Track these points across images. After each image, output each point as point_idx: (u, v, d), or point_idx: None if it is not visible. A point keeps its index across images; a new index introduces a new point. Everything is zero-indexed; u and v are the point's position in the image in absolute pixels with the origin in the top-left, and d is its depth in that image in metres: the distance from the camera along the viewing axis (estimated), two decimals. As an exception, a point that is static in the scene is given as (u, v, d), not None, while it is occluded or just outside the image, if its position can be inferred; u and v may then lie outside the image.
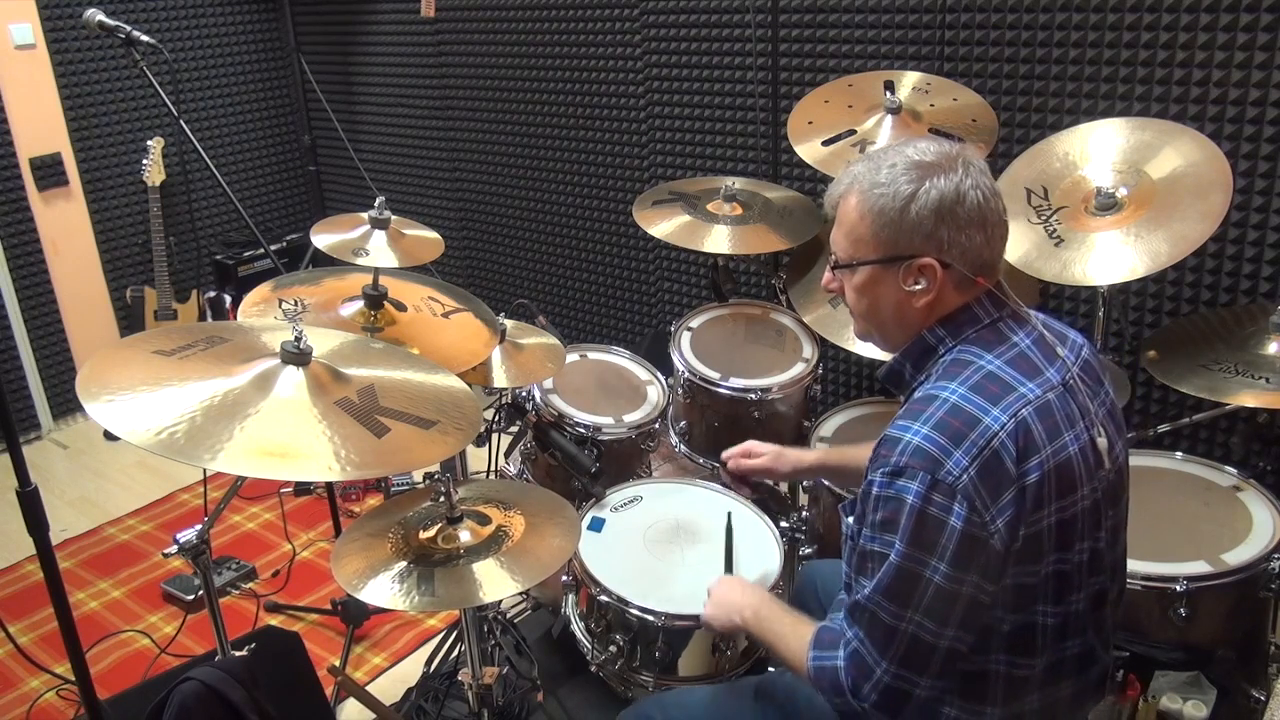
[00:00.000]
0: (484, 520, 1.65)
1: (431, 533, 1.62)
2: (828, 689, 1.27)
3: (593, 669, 1.96)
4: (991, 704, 1.28)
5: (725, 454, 1.90)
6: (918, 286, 1.27)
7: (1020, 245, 2.01)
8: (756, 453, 1.86)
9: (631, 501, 2.15)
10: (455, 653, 2.35)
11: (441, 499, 1.63)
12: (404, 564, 1.55)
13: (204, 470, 2.24)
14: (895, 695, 1.21)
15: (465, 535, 1.61)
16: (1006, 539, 1.17)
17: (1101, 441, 1.26)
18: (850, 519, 1.30)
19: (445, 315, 2.00)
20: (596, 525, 2.07)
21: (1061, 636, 1.28)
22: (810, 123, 2.43)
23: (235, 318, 4.01)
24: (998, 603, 1.21)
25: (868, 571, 1.23)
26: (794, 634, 1.37)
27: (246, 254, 4.26)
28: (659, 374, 2.57)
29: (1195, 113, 2.35)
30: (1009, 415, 1.18)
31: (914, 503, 1.17)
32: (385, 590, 1.50)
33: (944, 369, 1.26)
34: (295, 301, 1.86)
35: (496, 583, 1.52)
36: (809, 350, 2.47)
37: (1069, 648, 1.30)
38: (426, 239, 2.19)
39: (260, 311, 1.81)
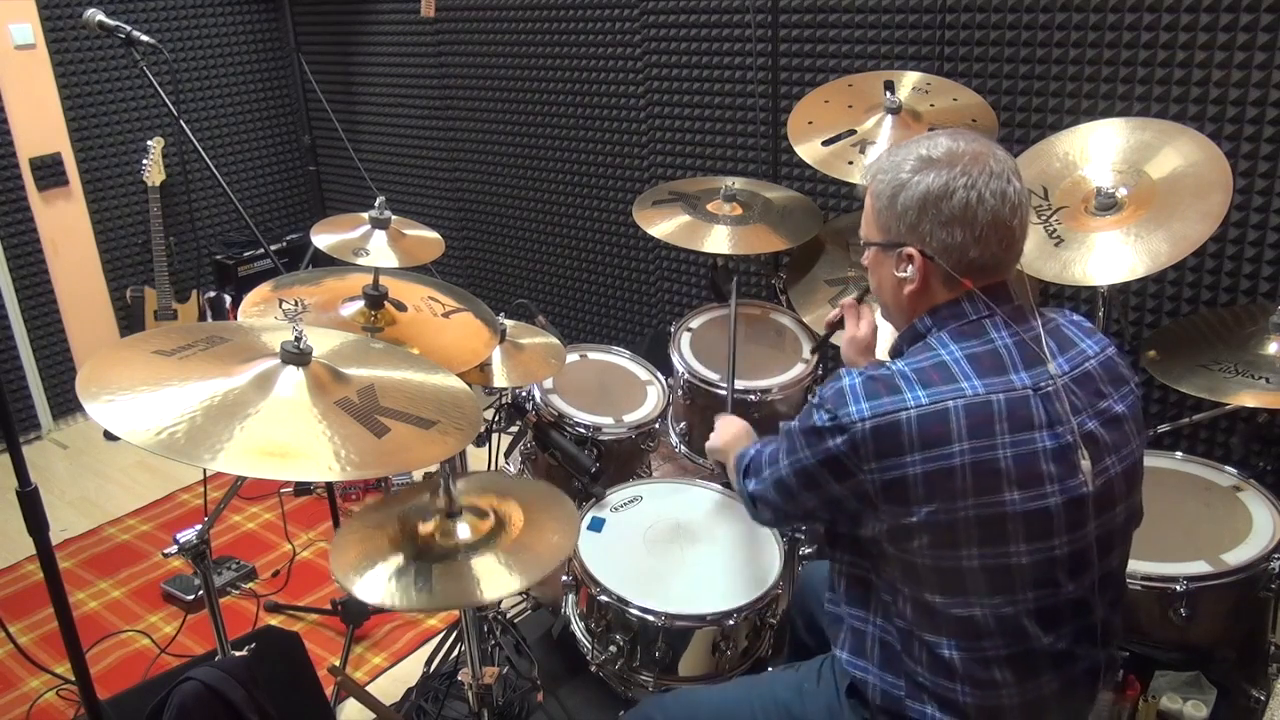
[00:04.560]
0: (483, 515, 1.65)
1: (430, 527, 1.62)
2: (739, 472, 1.59)
3: (593, 669, 1.96)
4: (959, 681, 1.30)
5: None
6: (904, 274, 1.33)
7: (1020, 245, 2.01)
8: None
9: (631, 501, 2.15)
10: (455, 653, 2.35)
11: (441, 493, 1.62)
12: (401, 559, 1.54)
13: (204, 470, 2.24)
14: (754, 502, 1.53)
15: (464, 531, 1.61)
16: (877, 491, 1.27)
17: (1084, 463, 1.26)
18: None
19: (445, 315, 2.00)
20: (596, 525, 2.07)
21: (1012, 633, 1.28)
22: (810, 123, 2.43)
23: (235, 318, 4.02)
24: (926, 584, 1.28)
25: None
26: (743, 445, 1.71)
27: (246, 254, 4.27)
28: (659, 374, 2.57)
29: (1195, 113, 2.35)
30: (931, 400, 1.24)
31: (817, 421, 1.30)
32: (382, 586, 1.49)
33: (912, 350, 1.34)
34: (296, 302, 1.86)
35: (495, 579, 1.52)
36: (809, 350, 2.47)
37: (1035, 643, 1.29)
38: (426, 239, 2.19)
39: (260, 311, 1.81)
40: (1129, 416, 1.34)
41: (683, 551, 2.00)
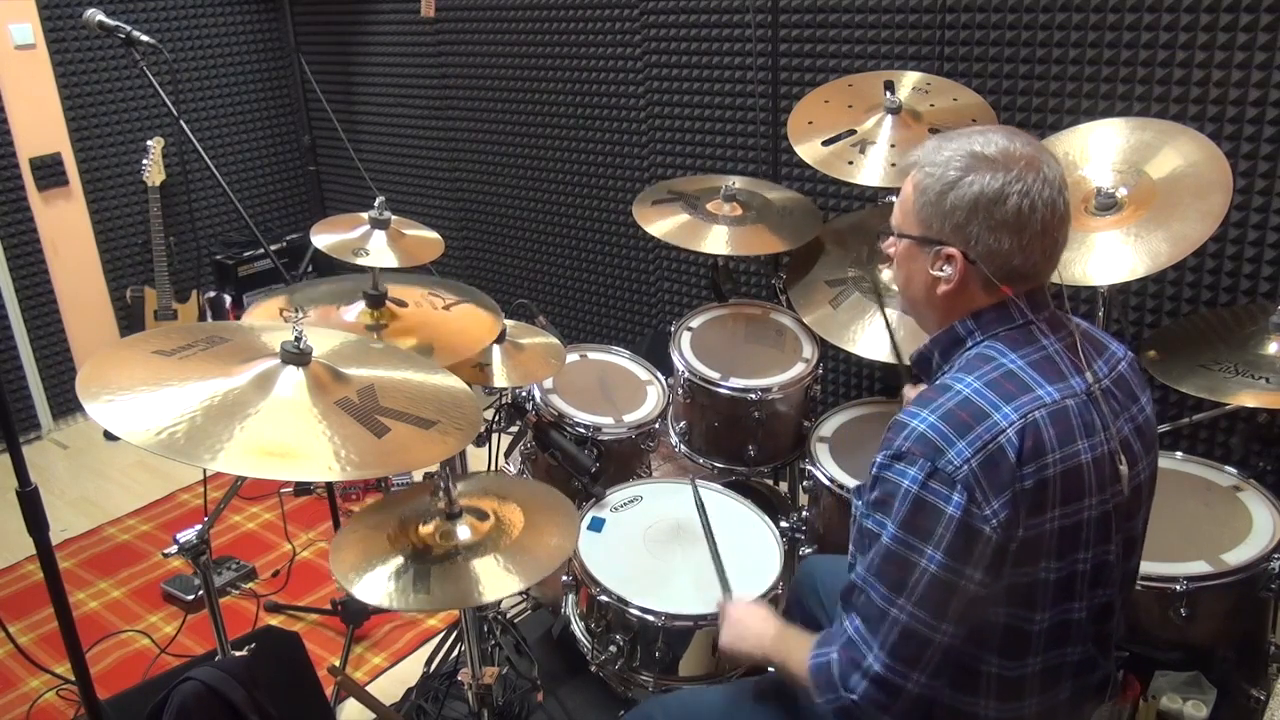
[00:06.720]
0: (483, 516, 1.65)
1: (430, 528, 1.62)
2: (822, 685, 1.24)
3: (593, 669, 1.97)
4: (985, 696, 1.28)
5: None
6: (941, 274, 1.27)
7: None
8: None
9: (631, 501, 2.15)
10: (455, 653, 2.35)
11: (440, 494, 1.62)
12: (401, 560, 1.54)
13: (204, 470, 2.25)
14: (885, 687, 1.19)
15: (464, 532, 1.61)
16: (1003, 535, 1.16)
17: (1122, 469, 1.25)
18: (859, 501, 1.30)
19: (446, 308, 2.02)
20: (596, 525, 2.07)
21: (1057, 643, 1.27)
22: (810, 123, 2.43)
23: (235, 318, 4.02)
24: (993, 602, 1.21)
25: (865, 549, 1.23)
26: (799, 644, 1.35)
27: (246, 254, 4.26)
28: (659, 374, 2.57)
29: (1195, 113, 2.35)
30: (1019, 415, 1.17)
31: (909, 487, 1.17)
32: (382, 587, 1.49)
33: (967, 362, 1.26)
34: (297, 309, 1.88)
35: (494, 581, 1.52)
36: (809, 350, 2.47)
37: (1068, 655, 1.29)
38: (426, 239, 2.19)
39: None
40: (1153, 420, 1.35)
41: (683, 551, 2.00)
